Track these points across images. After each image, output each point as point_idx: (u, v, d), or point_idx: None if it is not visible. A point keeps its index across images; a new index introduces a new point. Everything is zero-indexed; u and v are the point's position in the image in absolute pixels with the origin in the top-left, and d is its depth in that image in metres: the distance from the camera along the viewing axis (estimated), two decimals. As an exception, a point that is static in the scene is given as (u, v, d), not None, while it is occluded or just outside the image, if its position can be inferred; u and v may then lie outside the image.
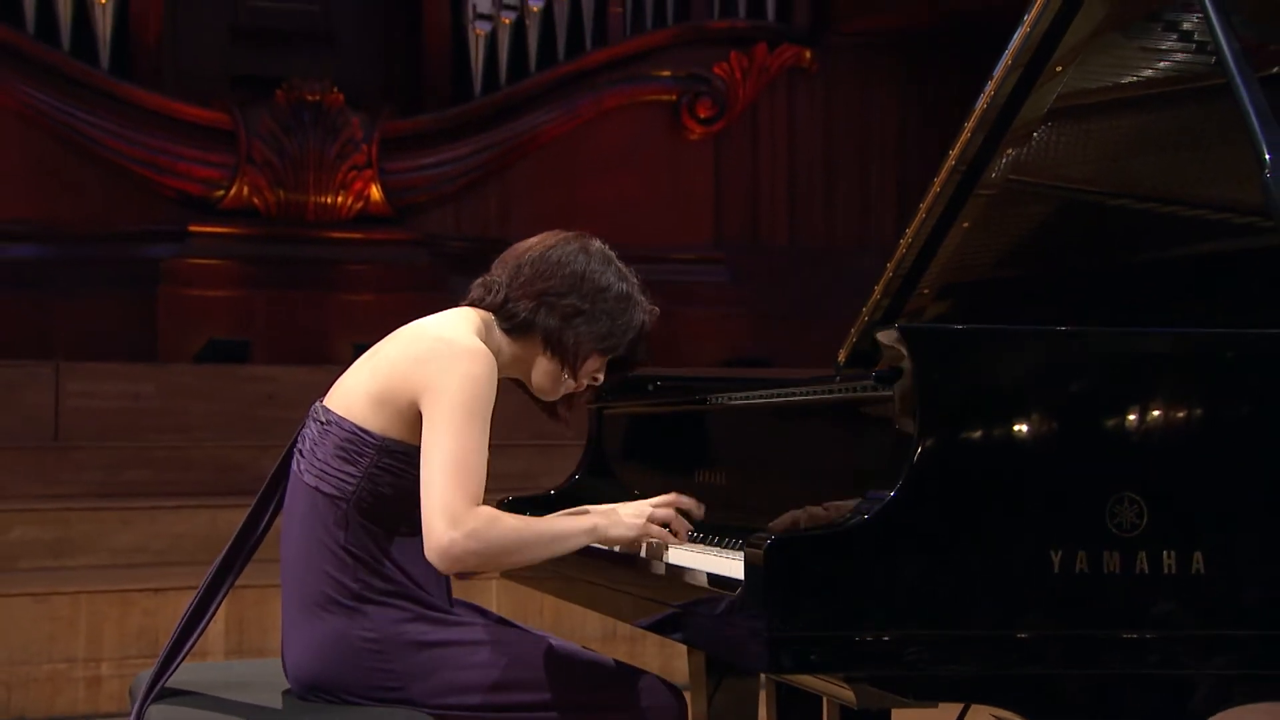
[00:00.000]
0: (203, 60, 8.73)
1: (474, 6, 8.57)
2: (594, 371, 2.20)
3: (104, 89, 8.11)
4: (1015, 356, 1.75)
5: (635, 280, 2.22)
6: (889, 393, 1.76)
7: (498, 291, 2.16)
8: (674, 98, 8.83)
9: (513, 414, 2.35)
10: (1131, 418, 1.75)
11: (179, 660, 2.13)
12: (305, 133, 8.14)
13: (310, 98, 8.11)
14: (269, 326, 7.79)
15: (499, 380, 2.09)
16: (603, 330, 2.15)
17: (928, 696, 1.75)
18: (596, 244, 2.22)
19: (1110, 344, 1.78)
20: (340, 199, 8.22)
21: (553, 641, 2.15)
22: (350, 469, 2.06)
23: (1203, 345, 1.80)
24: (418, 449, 2.01)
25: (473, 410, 1.99)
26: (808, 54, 8.93)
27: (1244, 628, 1.74)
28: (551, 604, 4.79)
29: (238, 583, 2.21)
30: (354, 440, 2.07)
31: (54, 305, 7.85)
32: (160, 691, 2.11)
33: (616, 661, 2.19)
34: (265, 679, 2.19)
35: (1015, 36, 2.52)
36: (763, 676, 2.68)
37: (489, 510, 1.99)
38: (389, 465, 2.06)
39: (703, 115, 8.82)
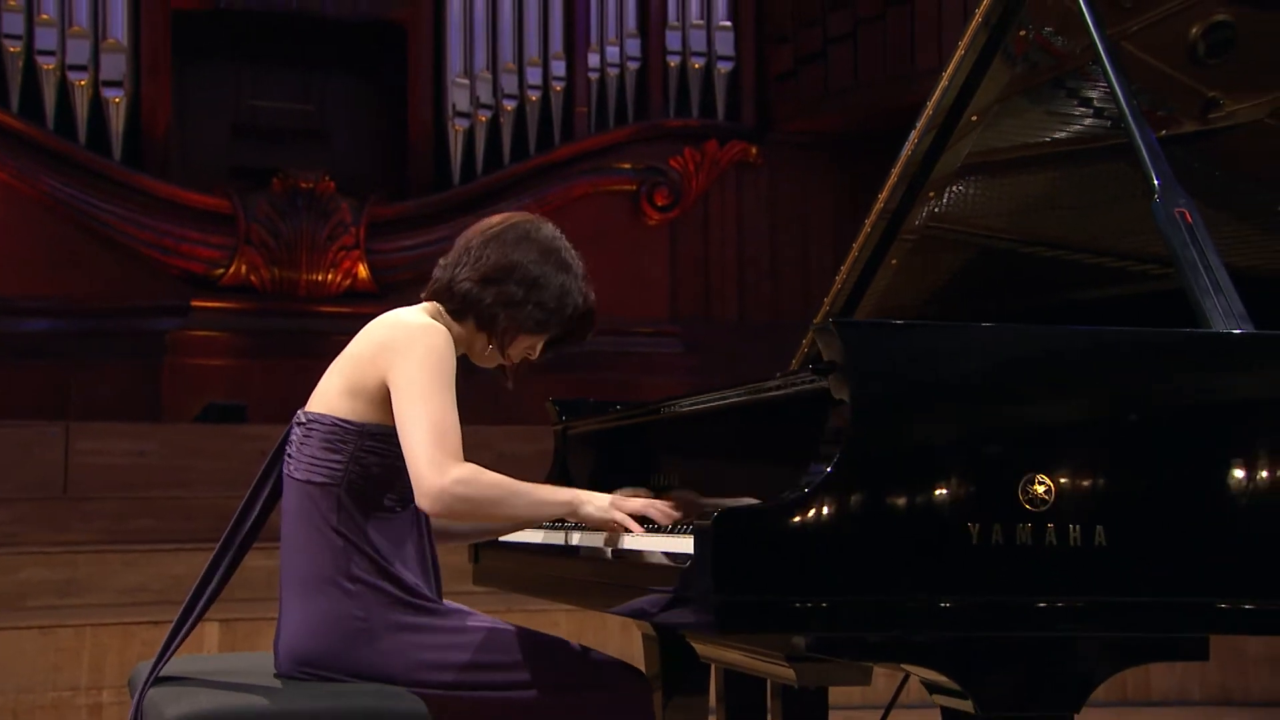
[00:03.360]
0: (207, 153, 8.76)
1: (454, 105, 8.64)
2: (526, 349, 2.20)
3: (116, 178, 8.13)
4: (938, 348, 1.77)
5: (579, 268, 2.20)
6: (825, 384, 1.78)
7: (447, 271, 2.16)
8: (634, 188, 8.91)
9: (478, 442, 2.35)
10: (1041, 404, 1.78)
11: (177, 643, 2.10)
12: (299, 217, 8.16)
13: (304, 185, 8.14)
14: (264, 391, 7.74)
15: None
16: (535, 318, 2.14)
17: (862, 657, 1.76)
18: (545, 231, 2.20)
19: (1023, 339, 1.80)
20: (330, 276, 8.23)
21: (526, 630, 2.14)
22: (337, 457, 2.06)
23: (1103, 341, 1.83)
24: (395, 429, 2.01)
25: (438, 377, 1.99)
26: (754, 150, 9.04)
27: (1139, 595, 1.75)
28: (521, 617, 4.79)
29: (230, 616, 2.19)
30: (336, 431, 2.06)
31: (67, 374, 7.80)
32: (157, 679, 2.09)
33: (584, 646, 2.18)
34: (258, 667, 2.17)
35: (930, 99, 2.59)
36: (713, 668, 2.68)
37: (474, 465, 1.98)
38: (372, 447, 2.05)
39: (660, 203, 8.90)
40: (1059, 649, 1.77)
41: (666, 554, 1.87)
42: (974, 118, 2.54)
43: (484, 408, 2.52)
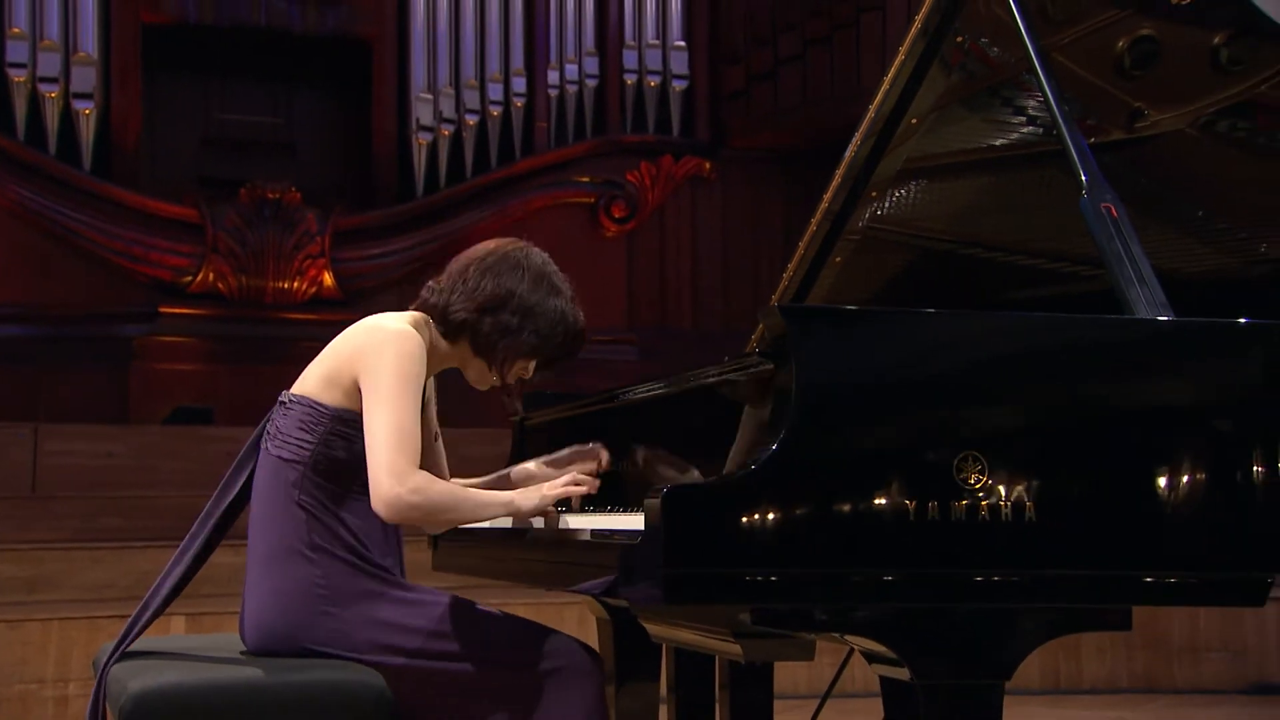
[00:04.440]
0: (176, 164, 8.70)
1: (417, 119, 8.63)
2: (521, 371, 2.22)
3: (86, 188, 8.05)
4: (877, 333, 1.78)
5: (568, 291, 2.22)
6: (771, 366, 1.79)
7: (442, 296, 2.17)
8: (592, 200, 8.92)
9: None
10: (975, 387, 1.79)
11: (144, 621, 2.09)
12: (266, 226, 8.12)
13: (271, 195, 8.10)
14: (231, 395, 7.69)
15: (443, 371, 2.11)
16: (530, 344, 2.16)
17: (804, 629, 1.77)
18: (535, 259, 2.20)
19: (958, 325, 1.82)
20: (296, 284, 8.18)
21: (483, 607, 2.15)
22: (308, 437, 2.08)
23: (1033, 327, 1.86)
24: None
25: (404, 383, 2.01)
26: (707, 165, 9.08)
27: (1066, 568, 1.77)
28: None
29: (197, 610, 2.19)
30: (311, 412, 2.09)
31: (37, 378, 7.72)
32: (121, 656, 2.08)
33: (540, 625, 2.19)
34: (223, 645, 2.17)
35: (872, 103, 2.62)
36: (664, 656, 2.69)
37: (426, 474, 2.01)
38: (341, 431, 2.08)
39: (617, 216, 8.92)
40: (992, 620, 1.78)
41: (608, 531, 1.88)
42: (914, 121, 2.57)
43: (448, 412, 2.52)
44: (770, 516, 1.69)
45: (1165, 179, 2.72)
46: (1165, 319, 1.92)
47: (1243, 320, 1.92)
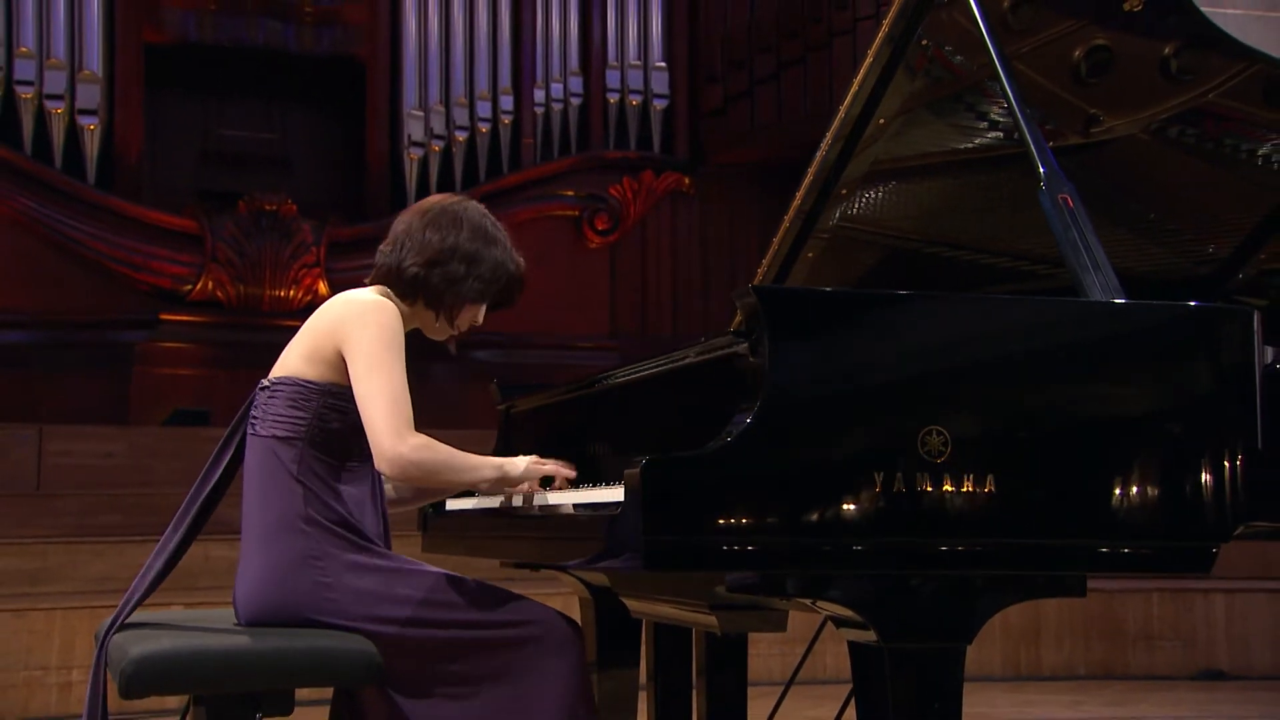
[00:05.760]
0: (176, 177, 8.67)
1: (409, 135, 8.63)
2: (471, 318, 2.25)
3: (90, 200, 8.02)
4: (846, 312, 1.79)
5: (504, 238, 2.27)
6: (745, 344, 1.80)
7: (393, 256, 2.20)
8: (576, 213, 8.93)
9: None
10: (939, 364, 1.80)
11: (141, 594, 2.09)
12: (263, 237, 8.10)
13: (268, 207, 8.08)
14: (228, 399, 7.64)
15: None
16: (475, 289, 2.20)
17: (776, 594, 1.77)
18: (472, 210, 2.25)
19: (924, 306, 1.83)
20: (292, 292, 8.16)
21: (470, 579, 2.15)
22: (301, 414, 2.07)
23: (995, 308, 1.88)
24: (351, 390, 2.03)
25: (391, 350, 2.02)
26: (686, 180, 9.11)
27: (1024, 537, 1.79)
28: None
29: (195, 601, 2.19)
30: (299, 390, 2.08)
31: (40, 383, 7.68)
32: (121, 626, 2.07)
33: (523, 596, 2.19)
34: (219, 618, 2.16)
35: (841, 105, 2.64)
36: (644, 623, 2.69)
37: (425, 435, 2.02)
38: (333, 404, 2.07)
39: (600, 228, 8.94)
40: (955, 587, 1.80)
41: (588, 504, 1.89)
42: (881, 121, 2.59)
43: (437, 413, 2.50)
44: (744, 487, 1.70)
45: (1119, 182, 2.75)
46: (1119, 301, 1.95)
47: (1192, 304, 1.94)
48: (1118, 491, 1.81)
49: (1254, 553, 5.94)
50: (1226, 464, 1.85)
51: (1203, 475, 1.84)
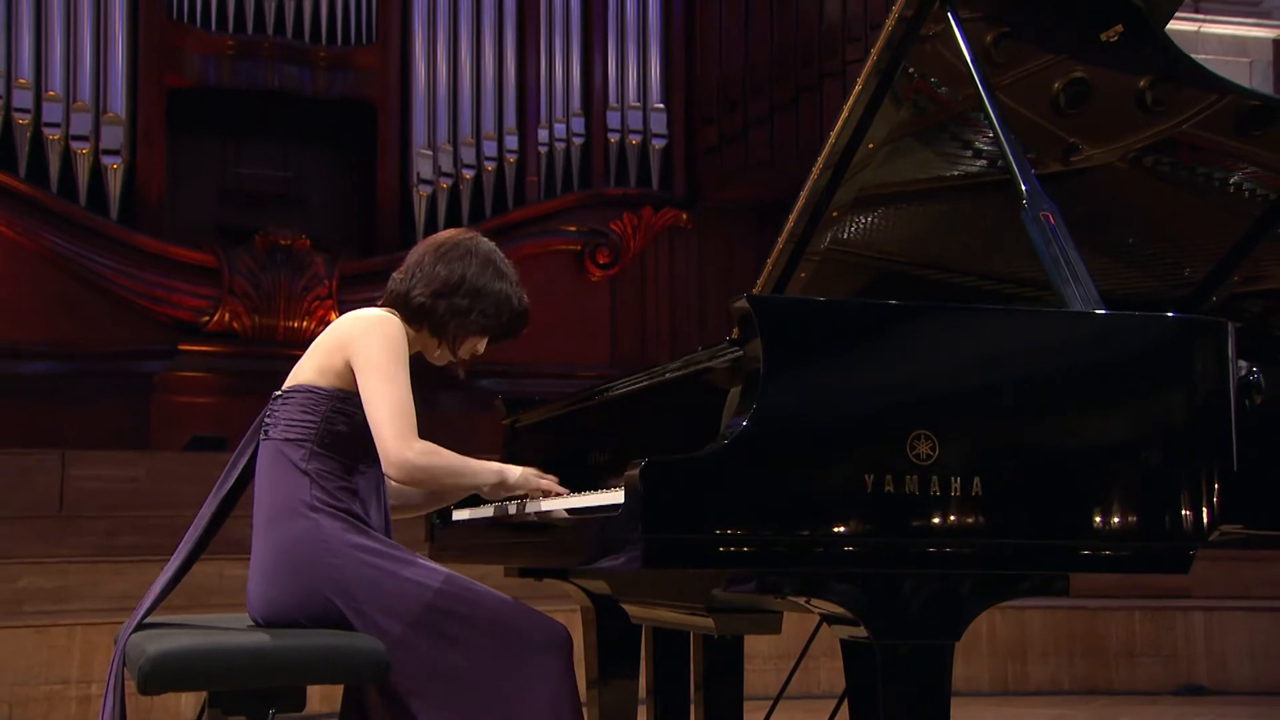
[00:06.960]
0: (195, 214, 8.71)
1: (418, 173, 8.67)
2: (472, 348, 2.25)
3: (113, 235, 8.05)
4: (839, 321, 1.80)
5: (513, 275, 2.27)
6: (741, 352, 1.80)
7: (403, 284, 2.21)
8: (579, 248, 8.97)
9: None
10: (928, 371, 1.81)
11: (156, 597, 2.09)
12: (278, 270, 8.13)
13: (283, 242, 8.12)
14: (244, 425, 7.60)
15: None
16: (480, 322, 2.21)
17: (770, 592, 1.77)
18: (484, 246, 2.26)
19: (913, 316, 1.84)
20: (305, 324, 8.18)
21: (463, 577, 2.14)
22: (311, 418, 2.08)
23: (980, 318, 1.88)
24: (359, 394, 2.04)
25: (396, 360, 2.04)
26: (684, 215, 9.15)
27: (1010, 538, 1.78)
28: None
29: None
30: (310, 396, 2.09)
31: (64, 411, 7.69)
32: (139, 626, 2.07)
33: (518, 600, 2.18)
34: (232, 621, 2.16)
35: (832, 131, 2.65)
36: (644, 633, 2.68)
37: (429, 442, 2.02)
38: (341, 409, 2.08)
39: (602, 261, 8.97)
40: (943, 585, 1.80)
41: (583, 509, 1.89)
42: (870, 146, 2.60)
43: (444, 440, 2.51)
44: (740, 489, 1.70)
45: (1098, 208, 2.76)
46: (1099, 312, 1.95)
47: (1169, 314, 1.95)
48: (1099, 494, 1.81)
49: (1231, 573, 5.94)
50: (1203, 469, 1.85)
51: (1180, 479, 1.84)
